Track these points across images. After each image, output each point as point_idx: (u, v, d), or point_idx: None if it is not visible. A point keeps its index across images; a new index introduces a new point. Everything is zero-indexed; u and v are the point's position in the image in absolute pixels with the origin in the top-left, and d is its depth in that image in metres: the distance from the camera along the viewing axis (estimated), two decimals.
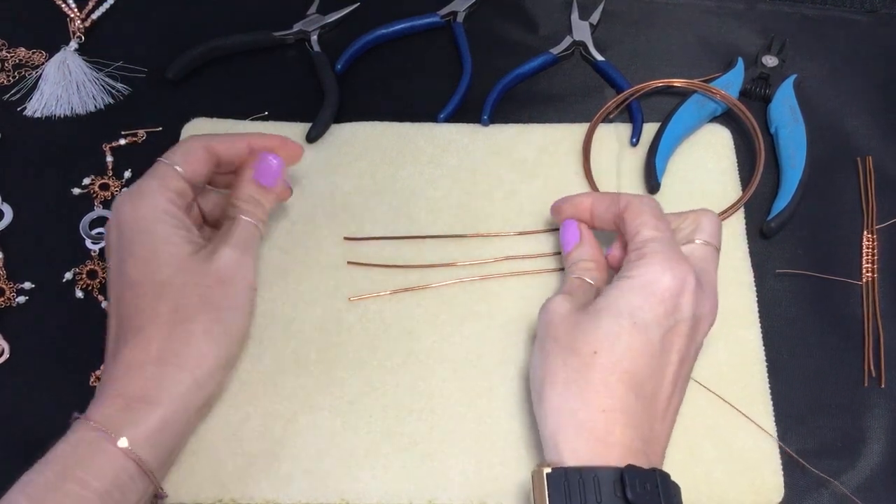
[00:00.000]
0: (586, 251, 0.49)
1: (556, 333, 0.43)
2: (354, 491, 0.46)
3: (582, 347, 0.41)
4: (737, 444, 0.47)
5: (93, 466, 0.38)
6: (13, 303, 0.52)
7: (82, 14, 0.65)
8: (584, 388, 0.40)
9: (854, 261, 0.55)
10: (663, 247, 0.43)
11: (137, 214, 0.44)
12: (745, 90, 0.61)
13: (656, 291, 0.42)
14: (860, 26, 0.66)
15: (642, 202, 0.46)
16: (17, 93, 0.61)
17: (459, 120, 0.59)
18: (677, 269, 0.42)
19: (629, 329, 0.41)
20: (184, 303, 0.43)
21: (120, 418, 0.40)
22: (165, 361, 0.42)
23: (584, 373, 0.41)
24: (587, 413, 0.40)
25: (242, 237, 0.46)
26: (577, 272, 0.48)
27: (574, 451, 0.39)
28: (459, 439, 0.47)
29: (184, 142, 0.48)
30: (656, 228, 0.44)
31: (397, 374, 0.49)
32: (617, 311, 0.42)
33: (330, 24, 0.64)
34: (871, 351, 0.51)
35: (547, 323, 0.44)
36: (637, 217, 0.45)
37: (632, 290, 0.42)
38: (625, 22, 0.65)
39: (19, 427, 0.48)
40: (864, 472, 0.48)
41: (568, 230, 0.50)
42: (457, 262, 0.53)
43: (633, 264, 0.43)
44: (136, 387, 0.41)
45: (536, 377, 0.43)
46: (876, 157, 0.59)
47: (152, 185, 0.45)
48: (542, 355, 0.43)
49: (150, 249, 0.43)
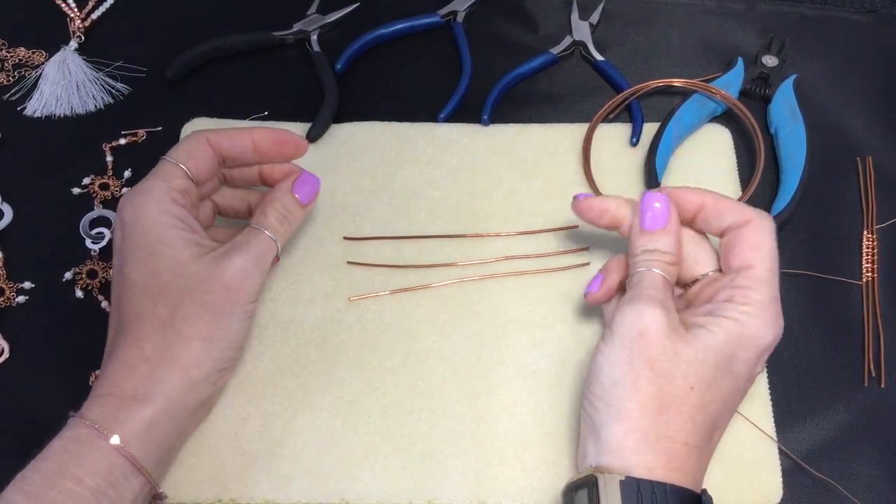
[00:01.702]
0: (673, 241, 0.45)
1: (652, 356, 0.40)
2: (354, 491, 0.46)
3: (679, 380, 0.40)
4: (736, 445, 0.47)
5: (86, 463, 0.39)
6: (13, 303, 0.52)
7: (82, 14, 0.65)
8: (675, 421, 0.40)
9: (854, 261, 0.55)
10: (773, 298, 0.43)
11: (140, 215, 0.44)
12: (745, 90, 0.61)
13: (758, 346, 0.42)
14: (860, 26, 0.66)
15: (765, 228, 0.44)
16: (17, 93, 0.61)
17: (459, 120, 0.59)
18: (778, 329, 0.43)
19: (725, 376, 0.41)
20: (183, 306, 0.42)
21: (112, 416, 0.40)
22: (160, 362, 0.42)
23: (678, 406, 0.40)
24: (671, 444, 0.39)
25: (258, 250, 0.45)
26: (658, 266, 0.44)
27: (650, 470, 0.39)
28: (459, 439, 0.47)
29: (186, 138, 0.47)
30: (771, 270, 0.43)
31: (397, 374, 0.49)
32: (721, 356, 0.41)
33: (330, 24, 0.64)
34: (871, 351, 0.51)
35: (640, 338, 0.41)
36: (755, 249, 0.43)
37: (738, 337, 0.41)
38: (625, 22, 0.65)
39: (19, 427, 0.48)
40: (864, 472, 0.48)
41: (657, 206, 0.45)
42: (457, 262, 0.53)
43: (741, 308, 0.42)
44: (129, 386, 0.41)
45: (618, 394, 0.41)
46: (876, 157, 0.59)
47: (155, 185, 0.45)
48: (626, 370, 0.41)
49: (150, 251, 0.43)
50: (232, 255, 0.44)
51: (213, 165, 0.47)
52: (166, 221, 0.44)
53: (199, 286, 0.43)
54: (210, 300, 0.43)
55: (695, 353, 0.41)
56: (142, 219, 0.44)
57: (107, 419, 0.40)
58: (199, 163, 0.46)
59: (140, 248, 0.43)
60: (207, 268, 0.43)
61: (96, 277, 0.53)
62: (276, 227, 0.47)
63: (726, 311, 0.42)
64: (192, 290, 0.43)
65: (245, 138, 0.48)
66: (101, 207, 0.56)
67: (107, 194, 0.57)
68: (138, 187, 0.45)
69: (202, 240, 0.45)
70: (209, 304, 0.43)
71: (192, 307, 0.43)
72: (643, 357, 0.40)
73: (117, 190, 0.57)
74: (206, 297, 0.43)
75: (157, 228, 0.43)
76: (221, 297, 0.43)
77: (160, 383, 0.41)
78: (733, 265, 0.44)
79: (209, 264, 0.44)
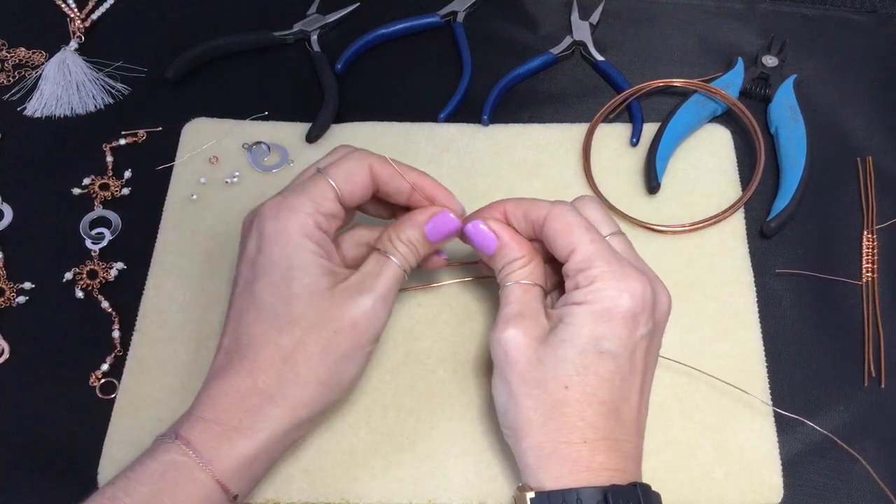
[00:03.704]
0: (512, 248, 0.44)
1: (520, 370, 0.40)
2: (354, 491, 0.46)
3: (550, 384, 0.40)
4: (736, 445, 0.47)
5: (181, 493, 0.37)
6: (13, 303, 0.52)
7: (82, 14, 0.65)
8: (562, 425, 0.39)
9: (854, 261, 0.55)
10: (611, 264, 0.41)
11: (282, 232, 0.41)
12: (745, 90, 0.61)
13: (616, 316, 0.40)
14: (860, 26, 0.66)
15: (565, 213, 0.43)
16: (17, 93, 0.61)
17: (459, 120, 0.60)
18: (633, 286, 0.40)
19: (596, 359, 0.40)
20: (308, 343, 0.40)
21: (213, 447, 0.39)
22: (271, 398, 0.40)
23: (559, 408, 0.39)
24: (569, 448, 0.39)
25: (388, 284, 0.42)
26: (513, 277, 0.43)
27: (557, 479, 0.39)
28: (459, 439, 0.47)
29: (349, 156, 0.44)
30: (592, 242, 0.41)
31: (397, 374, 0.49)
32: (581, 344, 0.40)
33: (330, 24, 0.65)
34: (871, 351, 0.51)
35: (506, 359, 0.41)
36: (567, 234, 0.42)
37: (591, 317, 0.40)
38: (625, 22, 0.66)
39: (19, 427, 0.48)
40: (864, 472, 0.48)
41: (478, 233, 0.44)
42: (457, 262, 0.53)
43: (586, 289, 0.41)
44: (235, 416, 0.39)
45: (509, 416, 0.41)
46: (876, 157, 0.59)
47: (304, 203, 0.41)
48: (508, 393, 0.41)
49: (286, 276, 0.41)
50: (364, 293, 0.41)
51: (366, 196, 0.44)
52: (307, 247, 0.41)
53: (329, 323, 0.41)
54: (336, 340, 0.41)
55: (554, 351, 0.40)
56: (283, 237, 0.41)
57: (207, 449, 0.38)
58: (354, 189, 0.43)
59: (276, 268, 0.41)
60: (339, 303, 0.41)
61: (96, 277, 0.53)
62: (406, 257, 0.44)
63: (575, 297, 0.41)
64: (321, 326, 0.40)
65: (407, 178, 0.44)
66: (101, 207, 0.56)
67: (107, 194, 0.57)
68: (285, 201, 0.42)
69: (336, 268, 0.42)
70: (334, 345, 0.41)
71: (317, 346, 0.40)
72: (514, 375, 0.40)
73: (117, 190, 0.57)
74: (332, 337, 0.41)
75: (297, 253, 0.41)
76: (349, 336, 0.41)
77: (267, 420, 0.40)
78: (562, 256, 0.42)
79: (341, 299, 0.41)
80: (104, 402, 0.49)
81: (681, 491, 0.46)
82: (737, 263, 0.53)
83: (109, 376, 0.50)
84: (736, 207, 0.55)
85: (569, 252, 0.42)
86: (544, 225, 0.43)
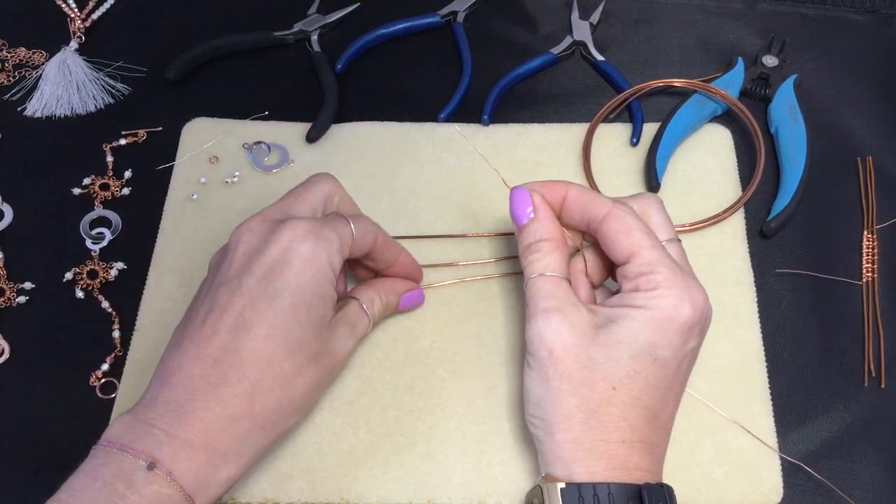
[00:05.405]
0: (542, 227, 0.44)
1: (565, 368, 0.40)
2: (354, 491, 0.46)
3: (599, 384, 0.40)
4: (736, 445, 0.47)
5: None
6: (13, 303, 0.52)
7: (82, 14, 0.65)
8: (604, 423, 0.39)
9: (854, 261, 0.55)
10: (674, 272, 0.41)
11: (318, 259, 0.41)
12: (745, 90, 0.61)
13: (676, 326, 0.40)
14: (860, 26, 0.66)
15: (625, 215, 0.42)
16: (18, 93, 0.61)
17: (459, 120, 0.60)
18: (696, 298, 0.40)
19: (649, 366, 0.40)
20: (305, 372, 0.41)
21: (200, 478, 0.38)
22: (262, 425, 0.40)
23: (604, 408, 0.39)
24: (606, 445, 0.39)
25: (361, 333, 0.46)
26: (537, 268, 0.43)
27: (591, 473, 0.39)
28: (459, 439, 0.47)
29: (363, 218, 0.46)
30: (653, 247, 0.41)
31: (397, 374, 0.49)
32: (637, 348, 0.40)
33: (330, 24, 0.65)
34: (871, 351, 0.51)
35: (550, 357, 0.40)
36: (626, 237, 0.42)
37: (651, 323, 0.40)
38: (625, 22, 0.66)
39: (19, 427, 0.48)
40: (864, 472, 0.48)
41: (521, 199, 0.44)
42: (457, 262, 0.53)
43: (647, 293, 0.40)
44: (224, 442, 0.38)
45: (544, 409, 0.41)
46: (876, 157, 0.59)
47: (334, 238, 0.42)
48: (546, 388, 0.40)
49: (308, 303, 0.41)
50: (347, 334, 0.45)
51: (364, 254, 0.46)
52: (330, 279, 0.42)
53: (324, 356, 0.42)
54: (325, 373, 0.43)
55: (608, 353, 0.40)
56: (317, 264, 0.41)
57: (194, 480, 0.37)
58: (364, 243, 0.45)
59: (302, 291, 0.41)
60: (333, 339, 0.43)
61: (96, 277, 0.53)
62: (379, 315, 0.48)
63: (635, 300, 0.41)
64: (318, 358, 0.42)
65: (396, 253, 0.48)
66: (102, 207, 0.56)
67: (107, 194, 0.57)
68: (313, 230, 0.41)
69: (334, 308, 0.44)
70: (323, 377, 0.43)
71: (312, 377, 0.41)
72: (558, 373, 0.40)
73: (117, 190, 0.57)
74: (324, 369, 0.42)
75: (322, 283, 0.41)
76: (333, 371, 0.44)
77: (253, 445, 0.40)
78: (619, 258, 0.42)
79: (336, 335, 0.44)
80: (104, 402, 0.49)
81: (681, 491, 0.46)
82: (737, 263, 0.53)
83: (109, 376, 0.50)
84: (736, 207, 0.55)
85: (628, 255, 0.42)
86: (602, 223, 0.43)
